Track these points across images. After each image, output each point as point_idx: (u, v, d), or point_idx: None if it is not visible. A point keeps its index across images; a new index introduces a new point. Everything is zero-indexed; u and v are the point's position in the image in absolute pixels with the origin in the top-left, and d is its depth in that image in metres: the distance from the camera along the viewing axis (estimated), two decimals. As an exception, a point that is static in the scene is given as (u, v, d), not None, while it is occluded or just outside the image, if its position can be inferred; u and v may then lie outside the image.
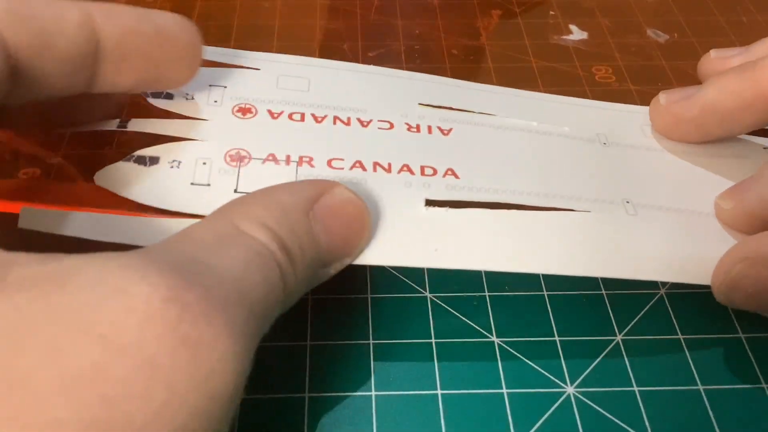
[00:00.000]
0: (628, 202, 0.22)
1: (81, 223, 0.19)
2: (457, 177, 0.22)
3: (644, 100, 0.30)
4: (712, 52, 0.28)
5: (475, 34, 0.33)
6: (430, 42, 0.33)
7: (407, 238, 0.21)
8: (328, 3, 0.36)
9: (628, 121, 0.27)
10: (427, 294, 0.23)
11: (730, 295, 0.20)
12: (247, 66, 0.25)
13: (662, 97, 0.26)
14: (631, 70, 0.32)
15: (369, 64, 0.31)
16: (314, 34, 0.33)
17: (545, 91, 0.29)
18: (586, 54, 0.33)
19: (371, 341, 0.21)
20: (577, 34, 0.33)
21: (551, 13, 0.34)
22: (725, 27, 0.35)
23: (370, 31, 0.33)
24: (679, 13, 0.35)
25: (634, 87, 0.31)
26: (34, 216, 0.19)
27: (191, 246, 0.15)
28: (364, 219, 0.19)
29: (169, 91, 0.23)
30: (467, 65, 0.32)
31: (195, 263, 0.14)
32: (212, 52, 0.27)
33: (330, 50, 0.32)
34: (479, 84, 0.28)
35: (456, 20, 0.34)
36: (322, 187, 0.19)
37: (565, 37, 0.33)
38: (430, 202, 0.21)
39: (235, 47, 0.31)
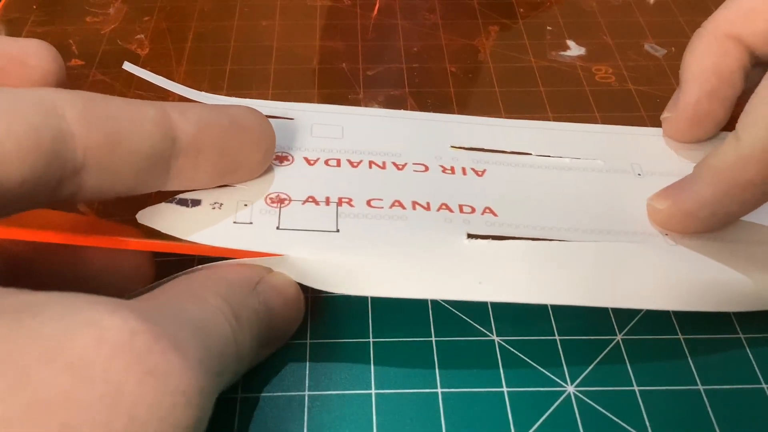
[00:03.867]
0: (666, 234, 0.22)
1: None
2: (495, 215, 0.22)
3: (644, 100, 0.30)
4: (665, 113, 0.27)
5: (474, 49, 0.33)
6: (430, 59, 0.33)
7: (450, 271, 0.21)
8: (326, 22, 0.36)
9: (661, 145, 0.26)
10: (427, 293, 0.23)
11: None
12: (281, 116, 0.26)
13: (666, 113, 0.26)
14: (631, 70, 0.32)
15: (368, 82, 0.31)
16: (313, 54, 0.33)
17: (545, 91, 0.29)
18: (586, 55, 0.33)
19: (371, 340, 0.21)
20: (574, 49, 0.33)
21: (548, 28, 0.34)
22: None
23: (369, 49, 0.33)
24: (680, 14, 0.35)
25: (633, 87, 0.31)
26: None
27: (153, 299, 0.16)
28: (301, 302, 0.21)
29: None
30: (467, 76, 0.32)
31: (160, 308, 0.15)
32: (250, 105, 0.27)
33: (329, 69, 0.32)
34: (508, 120, 0.28)
35: (455, 37, 0.34)
36: (263, 269, 0.20)
37: (562, 53, 0.33)
38: (471, 236, 0.21)
39: (232, 69, 0.32)
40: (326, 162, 0.24)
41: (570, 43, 0.33)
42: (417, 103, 0.30)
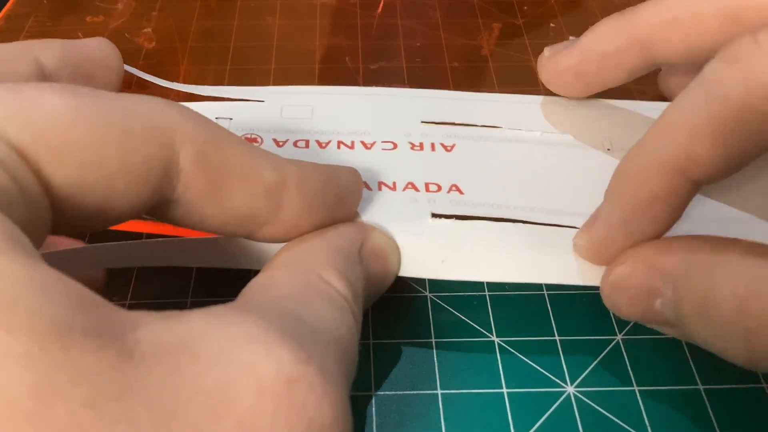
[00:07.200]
0: None
1: (92, 255, 0.20)
2: (461, 192, 0.23)
3: (643, 98, 0.30)
4: (546, 51, 0.27)
5: (477, 47, 0.33)
6: (432, 56, 0.32)
7: (414, 250, 0.21)
8: (327, 20, 0.36)
9: (634, 120, 0.26)
10: (427, 293, 0.23)
11: (613, 296, 0.20)
12: (251, 99, 0.26)
13: (547, 51, 0.27)
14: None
15: (371, 77, 0.31)
16: (314, 50, 0.33)
17: (545, 90, 0.29)
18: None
19: (371, 341, 0.21)
20: None
21: (552, 25, 0.34)
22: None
23: (371, 46, 0.33)
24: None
25: (634, 87, 0.31)
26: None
27: (286, 300, 0.15)
28: (398, 260, 0.21)
29: None
30: (468, 74, 0.32)
31: (299, 324, 0.14)
32: (216, 90, 0.27)
33: (331, 65, 0.32)
34: (481, 94, 0.28)
35: (457, 34, 0.34)
36: (364, 230, 0.20)
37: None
38: (436, 215, 0.22)
39: (233, 66, 0.32)
40: (295, 143, 0.24)
41: (572, 39, 0.33)
42: (417, 101, 0.30)
